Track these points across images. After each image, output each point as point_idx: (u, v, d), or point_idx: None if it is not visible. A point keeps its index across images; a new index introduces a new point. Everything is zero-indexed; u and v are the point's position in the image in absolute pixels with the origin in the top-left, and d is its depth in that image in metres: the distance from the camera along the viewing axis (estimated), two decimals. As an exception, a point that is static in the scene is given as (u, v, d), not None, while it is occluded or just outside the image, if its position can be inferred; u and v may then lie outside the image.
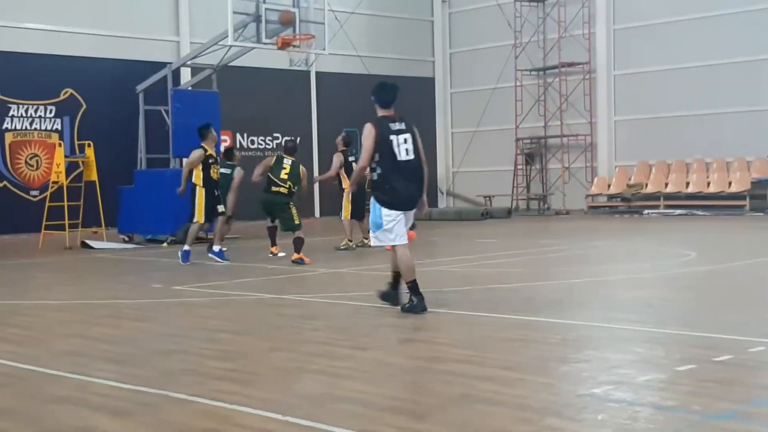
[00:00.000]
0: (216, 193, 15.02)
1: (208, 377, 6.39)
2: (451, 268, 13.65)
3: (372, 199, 9.19)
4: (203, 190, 14.73)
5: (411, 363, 6.78)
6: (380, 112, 9.33)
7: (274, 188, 14.98)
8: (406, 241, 9.05)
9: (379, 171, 9.05)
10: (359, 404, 5.51)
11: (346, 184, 16.64)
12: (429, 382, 6.15)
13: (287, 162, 15.20)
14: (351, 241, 16.73)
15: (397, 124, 9.18)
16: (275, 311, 9.78)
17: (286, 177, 15.05)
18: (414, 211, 9.27)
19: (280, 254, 15.33)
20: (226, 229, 16.26)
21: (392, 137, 9.04)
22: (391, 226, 8.99)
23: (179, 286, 11.77)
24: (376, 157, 9.05)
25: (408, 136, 9.13)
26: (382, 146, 9.01)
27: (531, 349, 7.24)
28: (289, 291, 11.13)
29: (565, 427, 5.00)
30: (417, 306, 8.94)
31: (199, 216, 14.78)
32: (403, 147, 9.05)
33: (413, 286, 8.98)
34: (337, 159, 16.89)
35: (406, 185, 9.03)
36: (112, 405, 5.67)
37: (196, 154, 14.76)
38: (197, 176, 14.69)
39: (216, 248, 15.10)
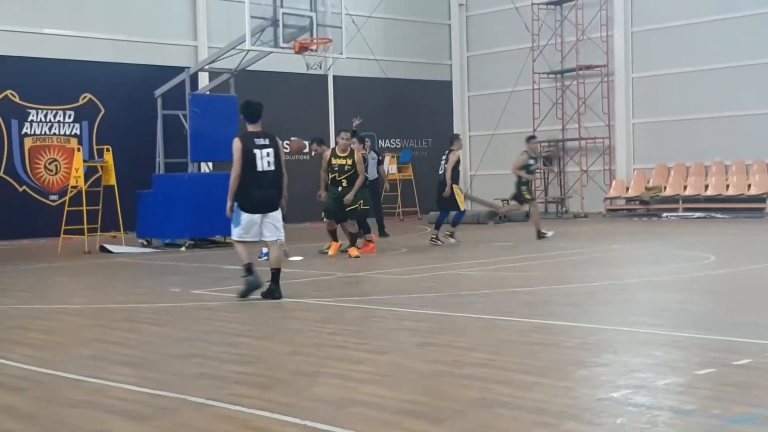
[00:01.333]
0: None
1: (226, 381, 6.40)
2: (470, 272, 13.64)
3: (235, 203, 10.52)
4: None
5: (428, 367, 6.77)
6: (249, 128, 10.67)
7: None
8: (248, 240, 10.58)
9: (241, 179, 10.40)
10: (377, 408, 5.52)
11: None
12: (447, 385, 6.14)
13: None
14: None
15: (261, 139, 10.54)
16: (293, 315, 9.80)
17: None
18: (277, 213, 10.60)
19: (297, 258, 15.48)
20: None
21: (256, 151, 10.41)
22: (245, 225, 10.45)
23: (197, 291, 11.82)
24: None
25: (271, 150, 10.52)
26: (246, 159, 10.35)
27: (549, 353, 7.23)
28: (307, 295, 11.12)
29: (584, 431, 4.99)
30: (252, 282, 10.56)
31: None
32: (265, 159, 10.44)
33: (248, 267, 10.56)
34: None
35: (263, 192, 10.44)
36: (129, 409, 5.69)
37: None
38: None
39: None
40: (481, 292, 11.17)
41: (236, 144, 10.43)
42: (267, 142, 10.53)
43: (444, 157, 18.39)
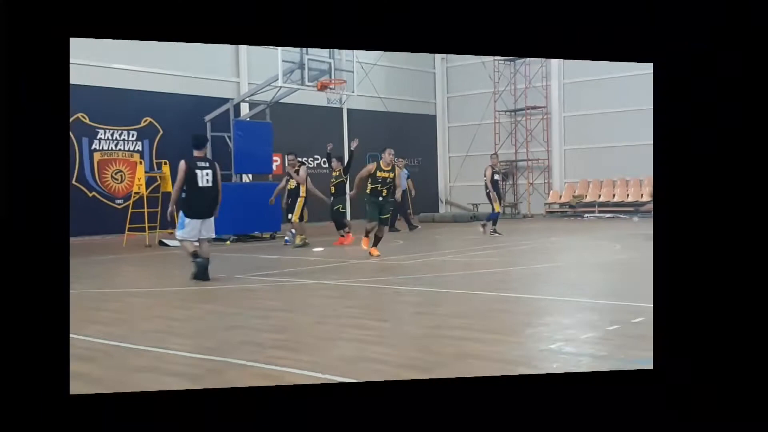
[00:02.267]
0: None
1: (264, 346, 6.23)
2: (451, 258, 13.63)
3: (180, 211, 10.67)
4: None
5: (420, 330, 6.83)
6: (194, 153, 10.70)
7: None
8: (194, 239, 10.70)
9: (185, 193, 10.59)
10: (382, 363, 5.54)
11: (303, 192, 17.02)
12: (434, 344, 6.18)
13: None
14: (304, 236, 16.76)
15: (202, 162, 10.65)
16: (317, 293, 9.67)
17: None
18: (212, 219, 10.78)
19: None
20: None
21: (197, 171, 10.56)
22: (189, 228, 10.62)
23: (240, 275, 11.55)
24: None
25: (209, 170, 10.63)
26: (190, 176, 10.51)
27: (507, 317, 7.31)
28: (328, 278, 10.99)
29: (531, 373, 5.11)
30: (201, 262, 10.67)
31: None
32: (205, 178, 10.56)
33: (195, 254, 10.71)
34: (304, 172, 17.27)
35: (202, 203, 10.61)
36: (184, 372, 5.46)
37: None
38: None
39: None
40: (459, 273, 11.20)
41: (182, 165, 10.53)
42: (207, 165, 10.65)
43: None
